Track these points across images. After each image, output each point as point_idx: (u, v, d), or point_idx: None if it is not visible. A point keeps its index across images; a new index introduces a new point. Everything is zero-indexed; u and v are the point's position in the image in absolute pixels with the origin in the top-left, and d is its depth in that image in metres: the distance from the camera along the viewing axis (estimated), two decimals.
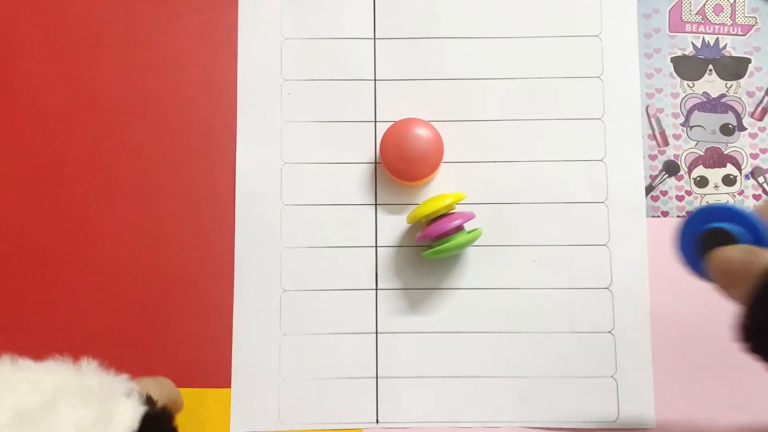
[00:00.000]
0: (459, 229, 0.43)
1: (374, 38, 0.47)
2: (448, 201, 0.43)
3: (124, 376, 0.33)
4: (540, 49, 0.47)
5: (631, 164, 0.46)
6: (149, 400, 0.33)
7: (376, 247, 0.46)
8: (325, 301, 0.45)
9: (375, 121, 0.47)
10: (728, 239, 0.32)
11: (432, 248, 0.43)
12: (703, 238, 0.33)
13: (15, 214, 0.46)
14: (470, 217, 0.43)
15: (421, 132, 0.44)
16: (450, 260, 0.45)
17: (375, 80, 0.47)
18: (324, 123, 0.47)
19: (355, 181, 0.46)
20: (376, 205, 0.46)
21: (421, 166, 0.44)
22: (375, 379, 0.44)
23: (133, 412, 0.31)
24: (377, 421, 0.44)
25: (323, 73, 0.47)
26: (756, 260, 0.30)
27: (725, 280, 0.32)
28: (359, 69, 0.47)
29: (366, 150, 0.46)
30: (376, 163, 0.46)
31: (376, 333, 0.45)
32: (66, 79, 0.47)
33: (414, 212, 0.43)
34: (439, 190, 0.46)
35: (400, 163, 0.44)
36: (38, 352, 0.32)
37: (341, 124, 0.47)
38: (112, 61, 0.47)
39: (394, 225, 0.46)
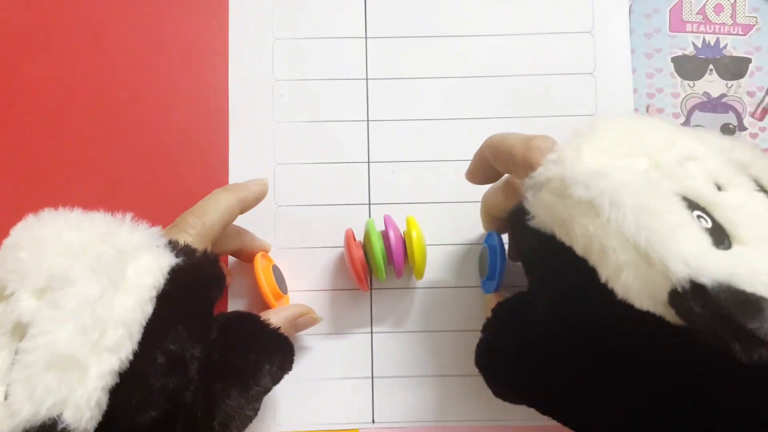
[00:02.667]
0: (401, 241, 0.41)
1: (365, 37, 0.47)
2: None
3: (155, 229, 0.33)
4: (532, 46, 0.47)
5: None
6: (185, 250, 0.32)
7: None
8: (319, 302, 0.45)
9: (367, 120, 0.47)
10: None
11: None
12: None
13: (15, 214, 0.46)
14: (391, 225, 0.42)
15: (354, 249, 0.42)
16: (443, 259, 0.45)
17: (367, 79, 0.47)
18: (316, 123, 0.47)
19: (349, 181, 0.46)
20: (369, 204, 0.46)
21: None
22: (371, 379, 0.44)
23: (156, 268, 0.30)
24: (373, 421, 0.44)
25: (315, 73, 0.47)
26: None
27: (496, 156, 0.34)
28: (351, 68, 0.47)
29: (359, 149, 0.46)
30: (369, 162, 0.46)
31: (371, 333, 0.44)
32: (58, 78, 0.47)
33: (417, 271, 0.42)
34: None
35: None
36: None
37: (333, 124, 0.47)
38: (102, 64, 0.47)
39: None
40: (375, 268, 0.41)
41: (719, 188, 0.28)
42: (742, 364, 0.22)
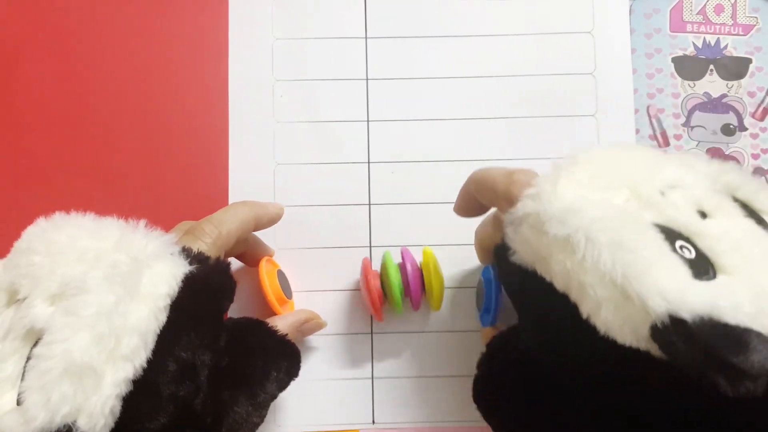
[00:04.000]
0: (418, 274, 0.41)
1: (365, 37, 0.47)
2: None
3: (169, 237, 0.32)
4: (532, 46, 0.47)
5: None
6: (198, 257, 0.32)
7: (371, 247, 0.45)
8: (319, 302, 0.45)
9: (368, 121, 0.47)
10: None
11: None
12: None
13: (15, 214, 0.46)
14: (408, 258, 0.42)
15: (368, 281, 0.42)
16: (446, 258, 0.45)
17: (367, 79, 0.47)
18: (316, 123, 0.47)
19: (349, 181, 0.46)
20: (369, 204, 0.46)
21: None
22: (371, 380, 0.44)
23: (171, 276, 0.30)
24: (373, 422, 0.44)
25: (315, 73, 0.47)
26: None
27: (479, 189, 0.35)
28: (351, 68, 0.47)
29: (359, 149, 0.46)
30: (369, 162, 0.46)
31: (371, 333, 0.44)
32: (58, 78, 0.47)
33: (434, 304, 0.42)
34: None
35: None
36: None
37: (334, 124, 0.47)
38: (103, 64, 0.47)
39: (388, 225, 0.45)
40: (392, 303, 0.41)
41: (705, 216, 0.27)
42: (732, 398, 0.22)
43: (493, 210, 0.37)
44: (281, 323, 0.38)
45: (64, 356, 0.26)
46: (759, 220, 0.28)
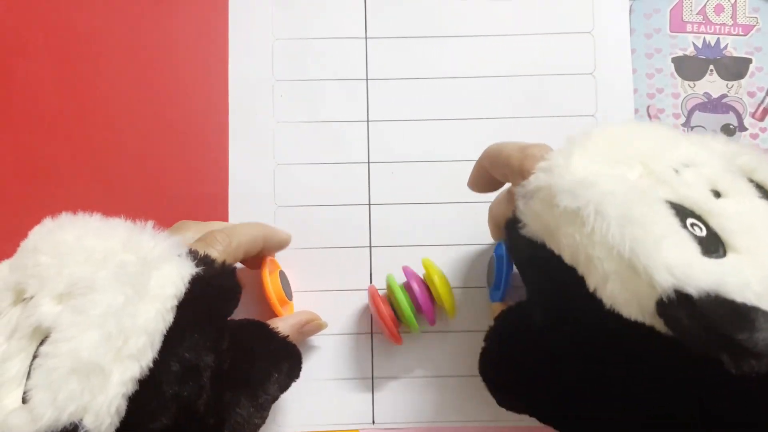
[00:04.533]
0: (425, 290, 0.41)
1: (365, 37, 0.47)
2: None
3: (176, 239, 0.32)
4: (532, 46, 0.47)
5: None
6: (204, 260, 0.32)
7: (371, 247, 0.45)
8: (319, 302, 0.45)
9: (368, 121, 0.47)
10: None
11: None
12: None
13: (15, 214, 0.46)
14: (412, 276, 0.42)
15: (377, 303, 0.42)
16: (448, 259, 0.45)
17: (367, 79, 0.47)
18: (316, 123, 0.47)
19: (349, 182, 0.46)
20: (369, 204, 0.46)
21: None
22: (371, 379, 0.44)
23: (178, 278, 0.30)
24: (373, 422, 0.44)
25: (315, 73, 0.47)
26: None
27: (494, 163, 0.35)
28: (351, 68, 0.47)
29: (359, 149, 0.46)
30: (369, 162, 0.46)
31: (372, 333, 0.44)
32: (59, 79, 0.47)
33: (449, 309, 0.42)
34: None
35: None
36: None
37: (334, 124, 0.47)
38: (103, 64, 0.47)
39: (388, 225, 0.45)
40: (407, 323, 0.41)
41: (719, 195, 0.27)
42: (736, 375, 0.22)
43: (507, 186, 0.37)
44: (282, 325, 0.38)
45: (72, 354, 0.26)
46: None
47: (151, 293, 0.29)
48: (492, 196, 0.40)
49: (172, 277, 0.30)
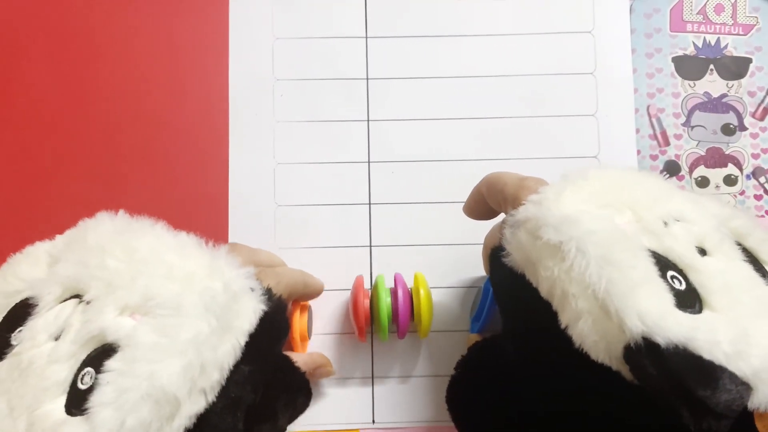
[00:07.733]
0: (408, 303, 0.41)
1: (366, 37, 0.47)
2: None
3: (250, 270, 0.31)
4: (533, 45, 0.47)
5: (624, 160, 0.46)
6: (268, 295, 0.31)
7: (371, 246, 0.45)
8: (319, 302, 0.44)
9: (368, 120, 0.47)
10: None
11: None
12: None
13: (15, 214, 0.46)
14: (400, 284, 0.41)
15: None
16: (445, 260, 0.45)
17: (367, 79, 0.47)
18: (316, 123, 0.47)
19: (349, 181, 0.46)
20: (369, 204, 0.46)
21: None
22: (371, 379, 0.44)
23: (252, 313, 0.29)
24: (373, 421, 0.44)
25: (315, 73, 0.47)
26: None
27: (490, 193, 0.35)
28: (351, 68, 0.47)
29: (359, 149, 0.46)
30: (369, 162, 0.46)
31: (372, 333, 0.44)
32: (58, 79, 0.47)
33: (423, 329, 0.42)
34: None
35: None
36: None
37: (334, 124, 0.47)
38: (103, 64, 0.47)
39: (388, 224, 0.45)
40: (378, 328, 0.41)
41: (704, 253, 0.27)
42: None
43: (502, 216, 0.37)
44: (300, 360, 0.37)
45: (151, 379, 0.25)
46: (759, 268, 0.28)
47: (232, 326, 0.28)
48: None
49: (248, 312, 0.29)
